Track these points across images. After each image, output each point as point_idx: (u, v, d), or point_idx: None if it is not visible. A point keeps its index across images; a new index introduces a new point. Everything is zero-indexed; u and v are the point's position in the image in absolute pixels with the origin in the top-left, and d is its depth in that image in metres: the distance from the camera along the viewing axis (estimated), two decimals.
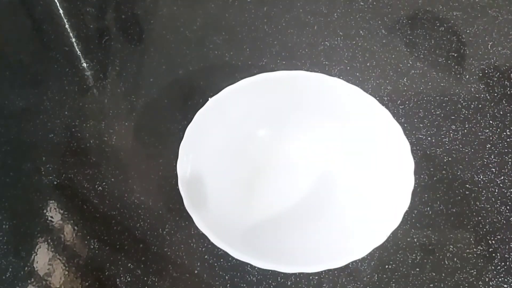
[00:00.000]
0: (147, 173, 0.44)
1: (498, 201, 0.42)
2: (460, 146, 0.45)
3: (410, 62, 0.51)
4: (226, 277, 0.39)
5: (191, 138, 0.37)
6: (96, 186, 0.44)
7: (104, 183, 0.44)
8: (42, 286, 0.39)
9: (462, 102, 0.48)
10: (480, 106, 0.48)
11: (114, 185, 0.44)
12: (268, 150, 0.44)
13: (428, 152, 0.45)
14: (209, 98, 0.39)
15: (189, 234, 0.41)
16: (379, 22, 0.55)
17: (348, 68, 0.51)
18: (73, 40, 0.55)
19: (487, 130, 0.46)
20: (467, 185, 0.43)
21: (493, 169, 0.44)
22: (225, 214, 0.38)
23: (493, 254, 0.39)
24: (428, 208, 0.42)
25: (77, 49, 0.54)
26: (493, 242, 0.40)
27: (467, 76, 0.50)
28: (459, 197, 0.42)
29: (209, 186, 0.39)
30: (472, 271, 0.39)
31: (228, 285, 0.38)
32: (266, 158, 0.44)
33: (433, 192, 0.43)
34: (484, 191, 0.43)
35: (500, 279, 0.38)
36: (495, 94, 0.48)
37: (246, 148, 0.44)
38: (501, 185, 0.43)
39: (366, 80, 0.50)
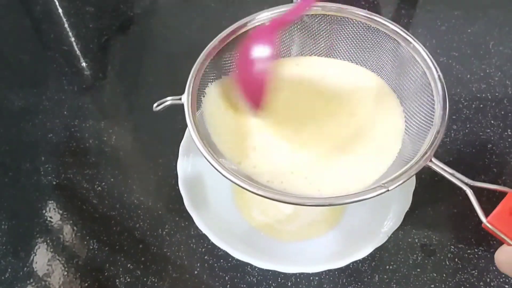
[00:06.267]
0: (147, 173, 0.44)
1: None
2: (462, 146, 0.45)
3: None
4: (226, 278, 0.39)
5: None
6: (96, 186, 0.43)
7: (103, 183, 0.44)
8: (41, 286, 0.39)
9: (463, 102, 0.48)
10: (481, 106, 0.47)
11: (113, 185, 0.43)
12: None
13: None
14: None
15: (189, 234, 0.40)
16: None
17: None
18: (73, 39, 0.55)
19: (489, 130, 0.46)
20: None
21: (495, 169, 0.43)
22: (225, 214, 0.38)
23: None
24: (430, 208, 0.41)
25: (77, 49, 0.54)
26: (494, 242, 0.39)
27: (468, 76, 0.50)
28: (460, 197, 0.42)
29: (209, 186, 0.39)
30: (473, 271, 0.38)
31: (228, 285, 0.38)
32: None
33: (434, 192, 0.42)
34: (485, 191, 0.42)
35: (501, 280, 0.38)
36: (496, 94, 0.48)
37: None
38: (502, 185, 0.42)
39: None
